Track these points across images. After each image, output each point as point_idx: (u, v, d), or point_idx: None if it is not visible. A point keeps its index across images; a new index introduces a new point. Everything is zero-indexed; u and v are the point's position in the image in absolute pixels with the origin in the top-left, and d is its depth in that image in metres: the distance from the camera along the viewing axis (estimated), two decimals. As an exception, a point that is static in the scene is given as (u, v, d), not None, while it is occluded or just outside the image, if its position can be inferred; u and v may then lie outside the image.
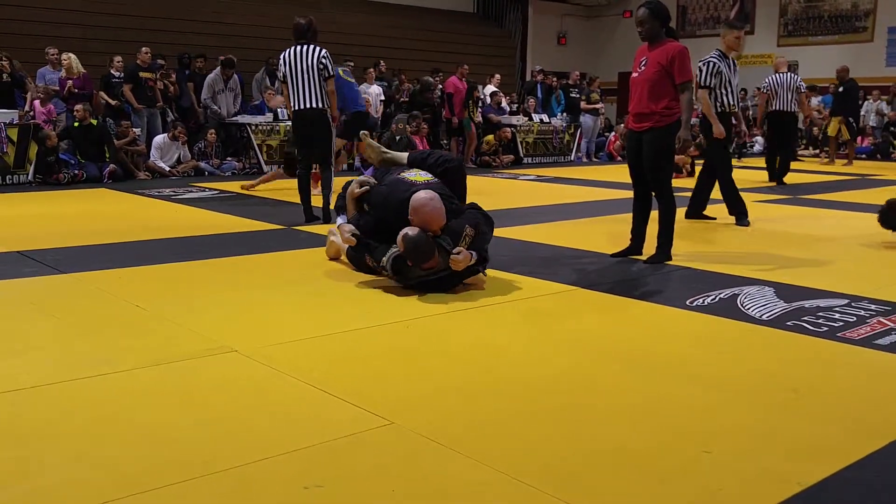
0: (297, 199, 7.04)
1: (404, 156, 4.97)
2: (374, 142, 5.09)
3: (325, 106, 6.86)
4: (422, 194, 4.36)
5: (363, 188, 4.67)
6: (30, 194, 8.99)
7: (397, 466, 2.29)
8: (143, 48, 11.50)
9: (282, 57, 6.93)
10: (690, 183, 7.85)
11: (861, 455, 2.39)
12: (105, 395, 2.81)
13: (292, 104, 6.88)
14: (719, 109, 6.97)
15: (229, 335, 3.51)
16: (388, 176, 4.75)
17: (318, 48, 6.85)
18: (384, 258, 4.36)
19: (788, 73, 10.71)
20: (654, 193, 5.35)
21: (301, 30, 6.90)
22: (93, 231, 6.26)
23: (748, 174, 12.51)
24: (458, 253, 4.25)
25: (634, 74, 5.30)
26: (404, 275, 4.34)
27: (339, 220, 5.25)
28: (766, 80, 10.81)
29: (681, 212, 7.07)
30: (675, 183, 5.94)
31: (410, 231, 4.20)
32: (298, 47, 6.83)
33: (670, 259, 5.28)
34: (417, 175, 4.65)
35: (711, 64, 6.92)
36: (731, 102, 7.07)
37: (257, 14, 15.51)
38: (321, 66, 6.79)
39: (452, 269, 4.28)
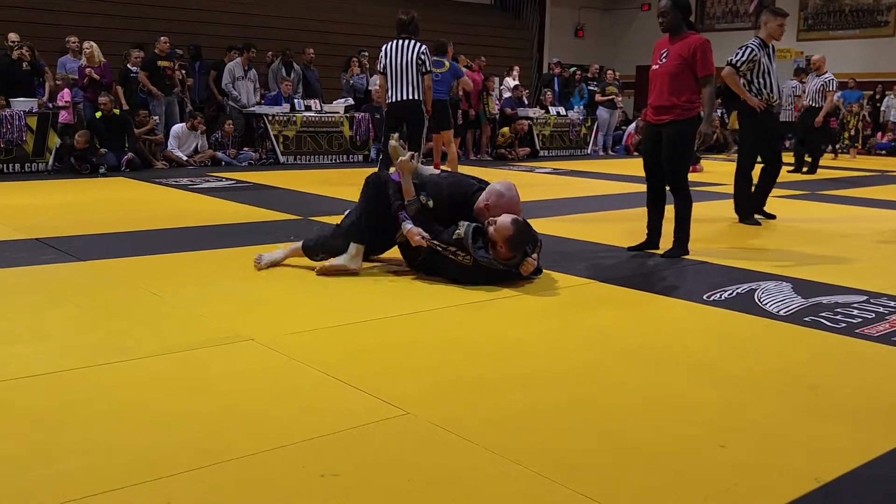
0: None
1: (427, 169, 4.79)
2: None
3: (421, 98, 7.15)
4: (500, 184, 4.43)
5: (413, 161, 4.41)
6: (48, 182, 9.05)
7: (413, 456, 2.30)
8: (163, 38, 11.53)
9: (383, 49, 7.27)
10: (702, 178, 7.77)
11: (879, 452, 2.38)
12: (122, 383, 2.83)
13: (390, 95, 7.20)
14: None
15: (246, 324, 3.53)
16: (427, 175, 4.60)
17: (418, 44, 7.21)
18: (459, 232, 4.24)
19: None
20: (669, 187, 5.32)
21: (403, 24, 7.28)
22: (110, 219, 6.30)
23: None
24: (534, 258, 4.34)
25: (654, 67, 5.25)
26: (468, 250, 4.21)
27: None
28: (830, 79, 11.65)
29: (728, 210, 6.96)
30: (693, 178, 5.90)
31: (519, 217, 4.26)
32: (400, 41, 7.17)
33: (687, 253, 5.25)
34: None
35: (749, 50, 6.53)
36: (773, 94, 6.65)
37: (274, 5, 15.54)
38: (420, 62, 7.17)
39: (519, 270, 4.30)
